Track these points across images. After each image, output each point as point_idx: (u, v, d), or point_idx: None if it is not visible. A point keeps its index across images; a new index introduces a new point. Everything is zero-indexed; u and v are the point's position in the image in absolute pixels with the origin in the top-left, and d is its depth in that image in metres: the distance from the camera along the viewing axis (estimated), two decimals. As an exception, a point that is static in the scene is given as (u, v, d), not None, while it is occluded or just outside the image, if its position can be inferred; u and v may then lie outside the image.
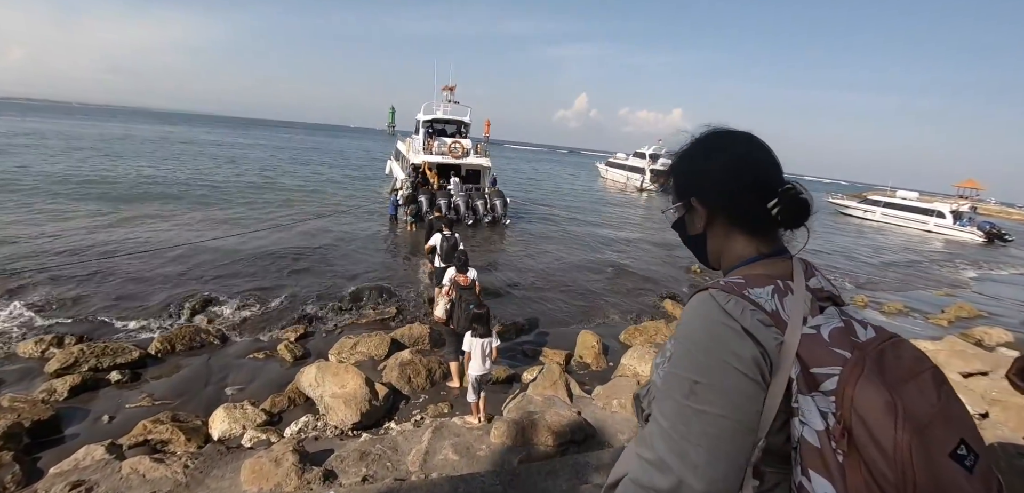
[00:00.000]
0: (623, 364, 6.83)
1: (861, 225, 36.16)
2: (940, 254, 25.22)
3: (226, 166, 31.41)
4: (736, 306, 0.79)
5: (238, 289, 9.01)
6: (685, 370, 0.79)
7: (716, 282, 0.86)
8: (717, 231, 0.95)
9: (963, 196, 40.21)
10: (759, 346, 0.77)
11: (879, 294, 14.38)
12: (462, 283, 6.26)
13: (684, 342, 0.82)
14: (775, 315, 0.79)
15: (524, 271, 12.02)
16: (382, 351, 6.56)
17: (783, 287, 0.83)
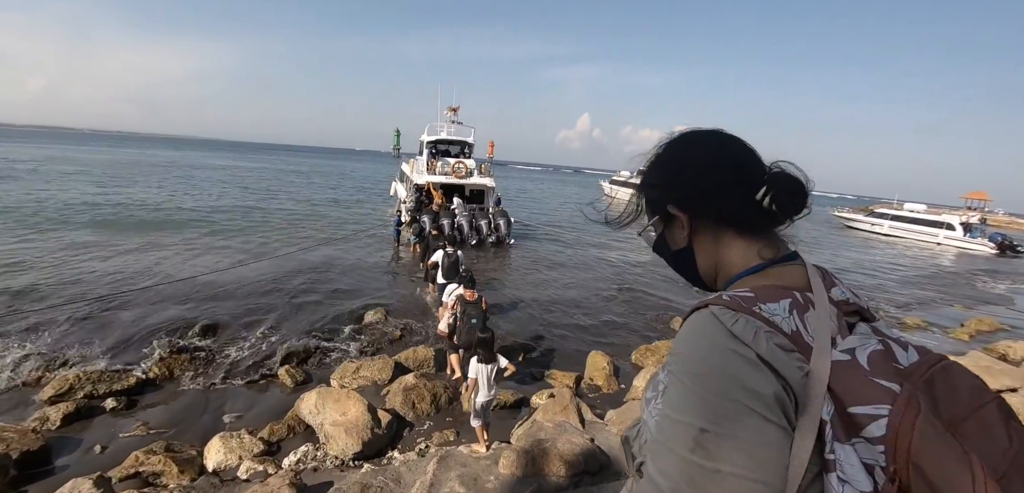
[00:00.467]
0: (636, 386, 6.58)
1: (869, 239, 35.73)
2: (961, 268, 24.75)
3: (230, 190, 31.59)
4: (747, 327, 0.62)
5: (240, 313, 8.84)
6: (687, 414, 0.61)
7: (718, 297, 0.68)
8: (704, 239, 0.81)
9: (971, 208, 39.78)
10: (780, 379, 0.60)
11: (892, 308, 14.02)
12: (468, 298, 6.09)
13: (683, 377, 0.63)
14: (796, 337, 0.63)
15: (529, 291, 11.80)
16: (385, 375, 6.34)
17: (802, 301, 0.67)
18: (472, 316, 5.99)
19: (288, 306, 9.35)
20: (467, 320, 6.01)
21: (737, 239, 0.78)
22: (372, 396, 5.79)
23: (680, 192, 0.81)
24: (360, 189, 40.79)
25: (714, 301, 0.66)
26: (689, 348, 0.65)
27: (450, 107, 21.24)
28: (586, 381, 7.07)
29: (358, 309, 9.43)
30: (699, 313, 0.67)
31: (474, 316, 5.98)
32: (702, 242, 0.81)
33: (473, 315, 5.98)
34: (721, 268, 0.80)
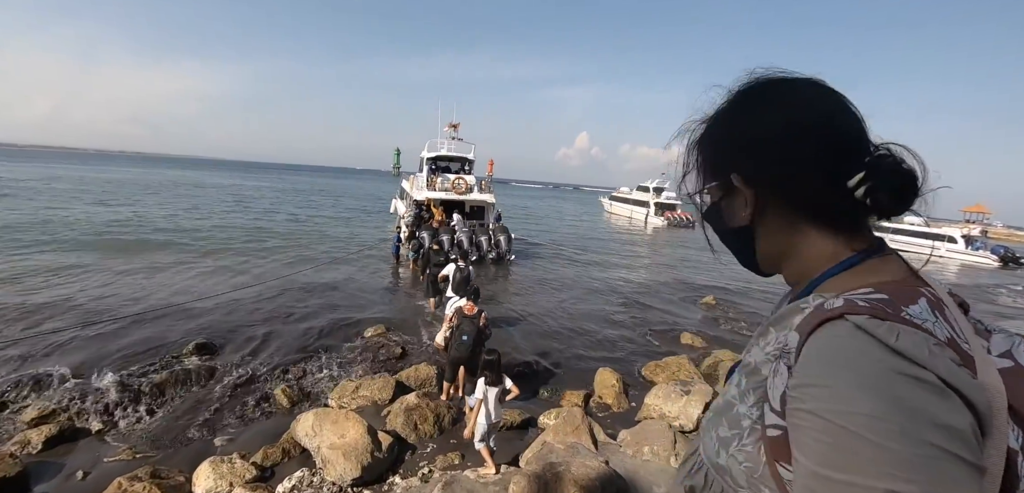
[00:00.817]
0: (647, 404, 6.29)
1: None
2: (969, 281, 24.52)
3: (229, 209, 31.44)
4: (914, 342, 0.48)
5: (235, 332, 8.56)
6: (863, 473, 0.44)
7: (849, 303, 0.53)
8: (772, 223, 0.68)
9: (970, 221, 39.64)
10: (969, 406, 0.46)
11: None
12: (466, 312, 5.88)
13: (842, 419, 0.46)
14: (953, 345, 0.50)
15: (531, 307, 11.52)
16: (386, 395, 6.05)
17: (935, 298, 0.55)
18: (465, 331, 5.79)
19: (285, 324, 9.08)
20: (459, 335, 5.82)
21: (819, 230, 0.65)
22: (372, 417, 5.51)
23: (750, 162, 0.67)
24: (360, 207, 40.67)
25: (849, 309, 0.52)
26: (839, 377, 0.48)
27: (450, 123, 21.21)
28: (595, 399, 6.78)
29: (357, 326, 9.16)
30: (833, 327, 0.52)
31: (466, 331, 5.79)
32: (770, 225, 0.68)
33: (466, 330, 5.80)
34: (792, 257, 0.68)
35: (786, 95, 0.66)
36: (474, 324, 5.82)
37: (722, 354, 8.47)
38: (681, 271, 19.49)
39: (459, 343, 5.80)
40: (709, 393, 6.29)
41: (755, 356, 0.64)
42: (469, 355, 5.79)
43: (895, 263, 0.62)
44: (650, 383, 7.44)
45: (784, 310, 0.64)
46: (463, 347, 5.79)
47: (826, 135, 0.62)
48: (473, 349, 5.79)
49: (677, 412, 6.01)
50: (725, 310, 13.47)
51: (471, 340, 5.77)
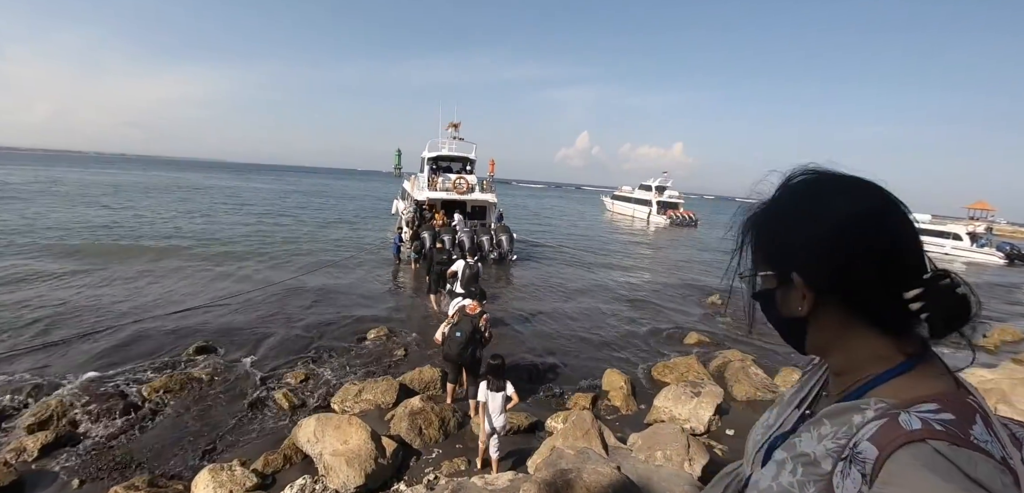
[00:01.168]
0: (657, 406, 6.16)
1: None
2: (979, 279, 24.25)
3: (230, 211, 31.36)
4: (989, 473, 0.52)
5: (236, 335, 8.44)
6: None
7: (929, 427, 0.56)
8: (827, 319, 0.71)
9: (974, 218, 39.33)
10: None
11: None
12: (469, 311, 5.77)
13: None
14: (1004, 463, 0.54)
15: (534, 307, 11.37)
16: (389, 398, 5.92)
17: (983, 414, 0.60)
18: (459, 328, 5.71)
19: (286, 327, 8.96)
20: (453, 331, 5.73)
21: (873, 331, 0.68)
22: (375, 421, 5.38)
23: (814, 265, 0.69)
24: (361, 208, 40.57)
25: (929, 434, 0.55)
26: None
27: (451, 123, 21.07)
28: (604, 402, 6.64)
29: (359, 329, 9.03)
30: (916, 450, 0.55)
31: (461, 328, 5.71)
32: (824, 321, 0.72)
33: (461, 327, 5.72)
34: (842, 352, 0.72)
35: (851, 198, 0.68)
36: (471, 323, 5.71)
37: (730, 354, 8.32)
38: (684, 270, 19.33)
39: (451, 340, 5.75)
40: (720, 395, 6.14)
41: (809, 446, 0.67)
42: (459, 352, 5.72)
43: (938, 367, 0.66)
44: (659, 384, 7.31)
45: (840, 408, 0.67)
46: (454, 344, 5.72)
47: (891, 251, 0.65)
48: (464, 347, 5.71)
49: (688, 415, 5.87)
50: (731, 309, 13.30)
51: (464, 337, 5.69)
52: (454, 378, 6.04)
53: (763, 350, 9.64)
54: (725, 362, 8.07)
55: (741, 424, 6.07)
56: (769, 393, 7.16)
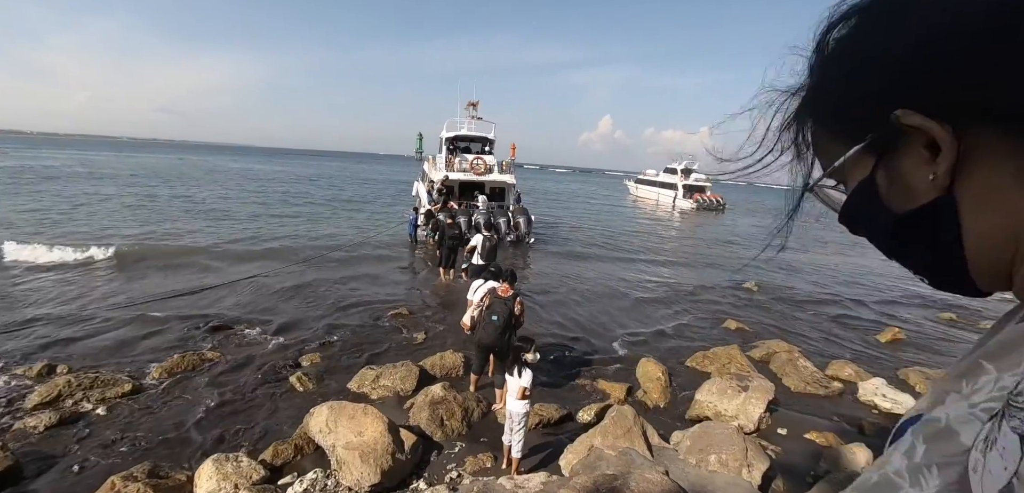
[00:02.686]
0: (699, 400, 5.59)
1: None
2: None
3: (253, 192, 31.58)
4: None
5: (251, 314, 8.17)
6: None
7: None
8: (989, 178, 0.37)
9: None
10: None
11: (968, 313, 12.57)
12: (501, 293, 5.23)
13: None
14: None
15: (557, 291, 10.81)
16: (409, 385, 5.50)
17: None
18: (495, 312, 5.15)
19: (301, 307, 8.65)
20: (488, 315, 5.18)
21: None
22: (393, 410, 4.97)
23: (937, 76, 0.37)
24: (377, 191, 40.48)
25: None
26: None
27: (470, 102, 20.50)
28: (639, 393, 6.11)
29: (377, 310, 8.67)
30: None
31: (497, 312, 5.14)
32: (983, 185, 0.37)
33: (497, 311, 5.15)
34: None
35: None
36: (507, 307, 5.16)
37: (775, 344, 7.67)
38: (715, 254, 18.49)
39: (487, 324, 5.17)
40: (770, 389, 5.54)
41: (951, 410, 0.38)
42: (497, 339, 5.18)
43: None
44: (698, 375, 6.72)
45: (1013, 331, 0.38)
46: (492, 330, 5.16)
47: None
48: (502, 332, 5.17)
49: (735, 411, 5.29)
50: (769, 295, 12.54)
51: (501, 322, 5.13)
52: (481, 366, 5.57)
53: (809, 341, 8.95)
54: (770, 353, 7.43)
55: (794, 423, 5.47)
56: (822, 388, 6.51)
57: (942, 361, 8.23)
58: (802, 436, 5.25)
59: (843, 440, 5.16)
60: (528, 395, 3.86)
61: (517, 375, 3.85)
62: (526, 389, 3.82)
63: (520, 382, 3.83)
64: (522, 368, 3.86)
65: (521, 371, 3.85)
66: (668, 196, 44.30)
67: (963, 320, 11.51)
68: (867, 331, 9.87)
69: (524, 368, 3.86)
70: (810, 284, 14.32)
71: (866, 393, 6.37)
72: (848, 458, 4.45)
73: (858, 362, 7.43)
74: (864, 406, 6.23)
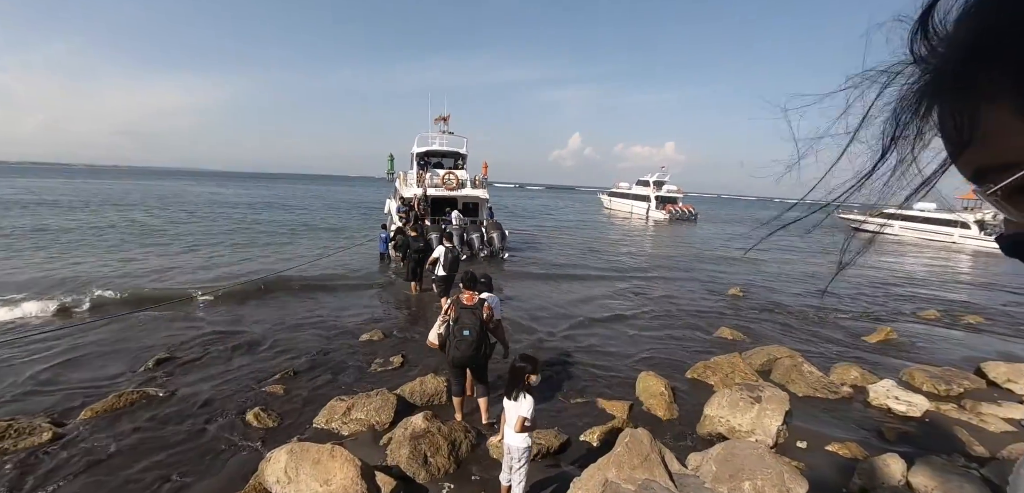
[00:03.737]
0: (709, 416, 5.09)
1: (880, 241, 34.59)
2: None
3: (216, 213, 29.99)
4: None
5: (204, 342, 7.29)
6: None
7: None
8: None
9: (967, 208, 38.59)
10: None
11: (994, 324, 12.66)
12: (465, 302, 4.63)
13: None
14: None
15: (536, 307, 10.23)
16: (385, 417, 4.81)
17: None
18: (465, 325, 4.55)
19: (263, 334, 7.80)
20: (458, 330, 4.58)
21: None
22: (368, 448, 4.28)
23: None
24: (350, 211, 39.30)
25: None
26: None
27: (440, 116, 20.02)
28: (642, 409, 5.57)
29: (348, 333, 7.92)
30: None
31: (467, 325, 4.55)
32: None
33: (466, 324, 4.56)
34: None
35: None
36: (475, 316, 4.56)
37: (774, 350, 7.29)
38: (693, 263, 18.34)
39: (459, 340, 4.56)
40: (785, 399, 5.09)
41: None
42: (473, 355, 4.58)
43: None
44: (702, 388, 6.25)
45: None
46: (464, 345, 4.56)
47: None
48: (477, 347, 4.57)
49: (749, 425, 4.81)
50: (756, 300, 12.31)
51: (474, 336, 4.53)
52: (460, 388, 4.94)
53: (804, 345, 8.65)
54: (772, 359, 7.04)
55: (811, 434, 5.02)
56: (831, 393, 6.14)
57: (941, 359, 8.03)
58: (823, 449, 4.81)
59: (867, 450, 4.75)
60: (529, 426, 3.24)
61: (515, 401, 3.25)
62: (526, 419, 3.22)
63: (519, 410, 3.22)
64: (521, 393, 3.25)
65: (520, 396, 3.25)
66: (641, 208, 44.70)
67: (948, 317, 11.54)
68: (857, 333, 9.68)
69: (525, 393, 3.26)
70: (791, 290, 14.24)
71: (877, 396, 6.01)
72: (884, 471, 4.01)
73: (859, 365, 7.11)
74: (877, 410, 5.86)
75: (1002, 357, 7.74)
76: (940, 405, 5.94)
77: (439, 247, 9.05)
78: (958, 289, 16.42)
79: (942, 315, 11.60)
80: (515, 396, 3.24)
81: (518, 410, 3.23)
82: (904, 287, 15.93)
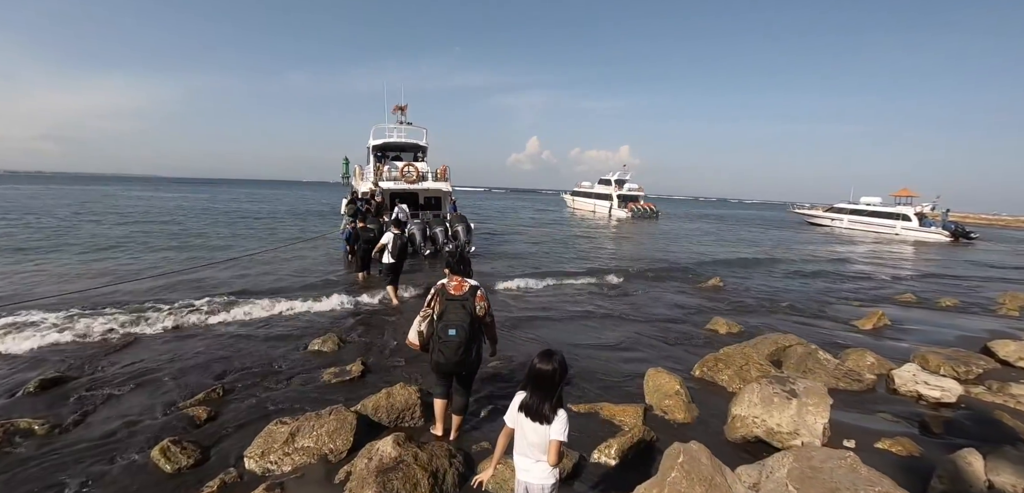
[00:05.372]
0: (740, 416, 4.27)
1: (830, 233, 36.06)
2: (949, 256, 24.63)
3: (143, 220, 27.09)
4: None
5: (106, 357, 5.84)
6: None
7: None
8: None
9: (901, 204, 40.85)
10: None
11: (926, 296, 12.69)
12: (453, 290, 3.62)
13: None
14: None
15: (514, 307, 9.17)
16: (342, 443, 3.67)
17: None
18: (451, 322, 3.53)
19: (185, 345, 6.41)
20: (443, 328, 3.55)
21: None
22: (319, 487, 3.15)
23: None
24: (302, 213, 36.86)
25: None
26: None
27: (397, 106, 18.73)
28: (656, 412, 4.70)
29: (296, 340, 6.65)
30: None
31: (454, 322, 3.52)
32: None
33: (453, 321, 3.53)
34: None
35: None
36: (466, 310, 3.55)
37: (781, 338, 6.63)
38: (663, 257, 17.92)
39: (444, 342, 3.54)
40: (824, 393, 4.33)
41: None
42: (462, 359, 3.58)
43: None
44: (713, 385, 5.47)
45: None
46: (450, 348, 3.53)
47: None
48: (467, 349, 3.57)
49: (790, 424, 4.02)
50: (736, 290, 11.85)
51: (463, 336, 3.52)
52: (445, 390, 3.90)
53: (803, 329, 8.12)
54: (780, 349, 6.38)
55: (856, 431, 4.31)
56: (855, 382, 5.50)
57: (941, 341, 7.69)
58: (873, 446, 4.09)
59: (921, 446, 4.07)
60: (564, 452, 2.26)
61: (542, 422, 2.25)
62: (563, 443, 2.23)
63: (554, 432, 2.23)
64: (554, 409, 2.27)
65: (552, 414, 2.26)
66: (604, 206, 44.73)
67: (924, 300, 11.49)
68: (844, 318, 9.32)
69: (557, 409, 2.27)
70: (769, 280, 13.99)
71: (904, 383, 5.43)
72: (967, 471, 3.30)
73: (869, 350, 6.57)
74: (906, 398, 5.26)
75: (995, 336, 7.48)
76: (970, 388, 5.43)
77: (388, 233, 8.66)
78: (917, 274, 16.81)
79: (918, 299, 11.55)
80: (544, 412, 2.24)
81: (551, 433, 2.23)
82: (868, 275, 16.12)
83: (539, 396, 2.28)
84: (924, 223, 35.09)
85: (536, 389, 2.30)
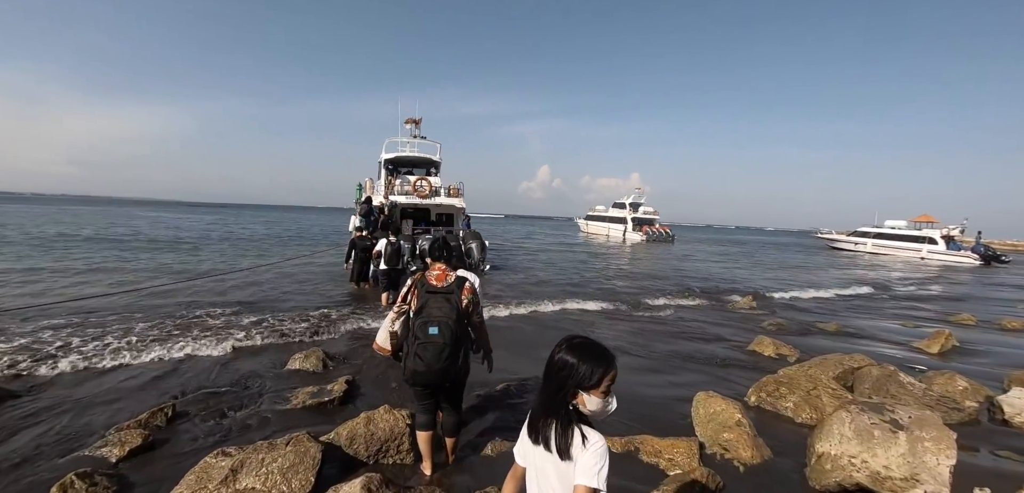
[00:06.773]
0: (828, 454, 3.24)
1: (854, 258, 34.54)
2: (973, 279, 23.18)
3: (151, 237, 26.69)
4: None
5: (52, 362, 4.98)
6: None
7: None
8: None
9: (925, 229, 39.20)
10: None
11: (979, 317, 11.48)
12: (435, 280, 2.70)
13: None
14: None
15: (532, 329, 8.17)
16: (300, 483, 2.71)
17: None
18: (431, 319, 2.62)
19: (141, 358, 5.54)
20: (421, 328, 2.64)
21: None
22: (252, 553, 2.18)
23: None
24: (310, 234, 36.38)
25: None
26: None
27: (410, 119, 18.14)
28: (715, 447, 3.66)
29: (277, 353, 5.75)
30: None
31: (435, 319, 2.62)
32: None
33: (433, 316, 2.63)
34: None
35: None
36: (451, 305, 2.65)
37: (848, 359, 5.55)
38: (688, 278, 16.82)
39: (424, 342, 2.63)
40: (940, 424, 3.29)
41: None
42: (444, 366, 2.65)
43: None
44: (775, 416, 4.43)
45: None
46: (430, 350, 2.62)
47: None
48: (452, 355, 2.66)
49: (901, 467, 2.98)
50: (770, 307, 10.77)
51: (448, 337, 2.62)
52: (427, 419, 2.95)
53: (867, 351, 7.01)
54: (847, 370, 5.31)
55: (987, 477, 3.24)
56: (955, 410, 4.43)
57: (1018, 363, 6.56)
58: (1020, 498, 3.03)
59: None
60: None
61: (562, 454, 1.34)
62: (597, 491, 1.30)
63: (579, 474, 1.31)
64: (577, 431, 1.35)
65: (579, 440, 1.35)
66: (618, 230, 43.77)
67: (983, 322, 10.29)
68: (903, 340, 8.19)
69: (585, 429, 1.37)
70: (803, 301, 12.84)
71: (1014, 411, 4.35)
72: None
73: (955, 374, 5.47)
74: (1020, 430, 4.18)
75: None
76: (1098, 421, 4.32)
77: (382, 240, 8.71)
78: (957, 297, 15.52)
79: (978, 321, 10.35)
80: (564, 436, 1.33)
81: (576, 474, 1.31)
82: (913, 296, 14.90)
83: (541, 403, 1.43)
84: (951, 246, 33.50)
85: (539, 393, 1.47)
